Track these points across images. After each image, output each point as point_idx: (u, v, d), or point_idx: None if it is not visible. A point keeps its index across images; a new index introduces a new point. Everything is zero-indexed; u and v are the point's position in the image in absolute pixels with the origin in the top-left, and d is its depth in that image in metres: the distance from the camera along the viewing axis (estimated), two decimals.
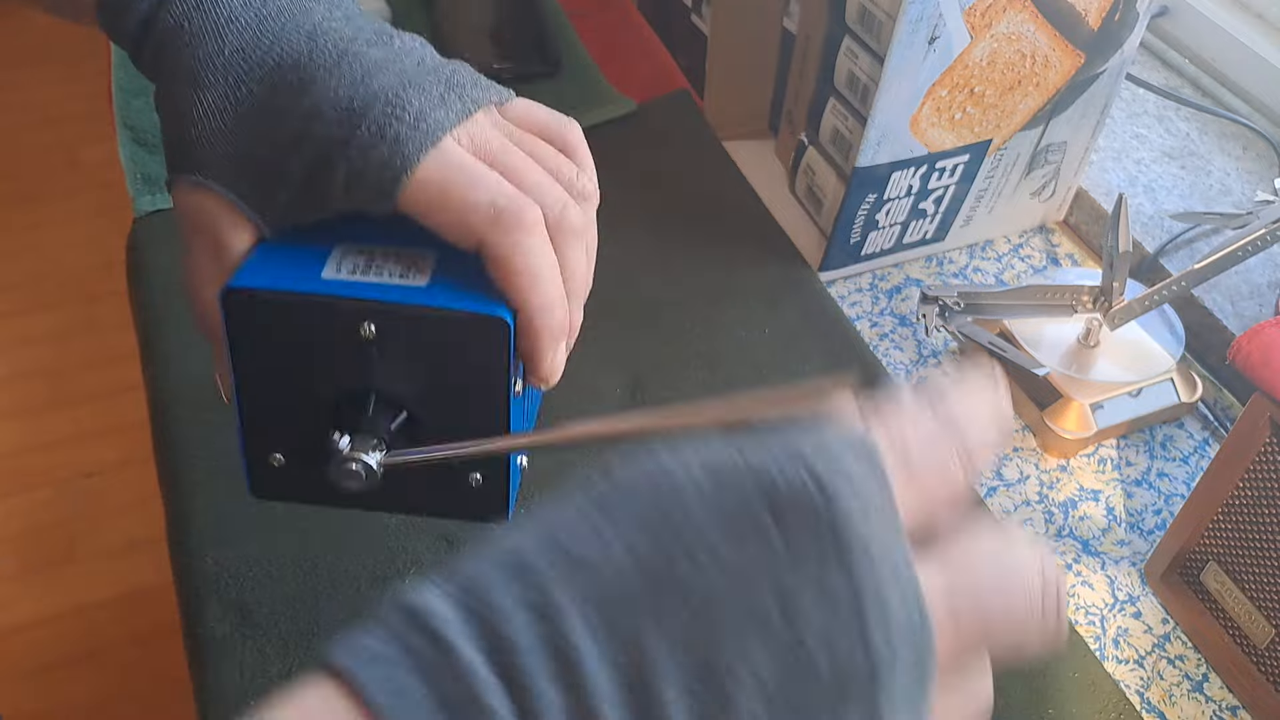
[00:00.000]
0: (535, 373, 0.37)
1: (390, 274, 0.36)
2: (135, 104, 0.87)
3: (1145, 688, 0.57)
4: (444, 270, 0.36)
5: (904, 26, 0.62)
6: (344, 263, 0.36)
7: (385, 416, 0.37)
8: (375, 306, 0.35)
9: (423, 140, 0.34)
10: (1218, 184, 0.83)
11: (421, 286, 0.35)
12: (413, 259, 0.37)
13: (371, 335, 0.35)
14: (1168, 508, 0.65)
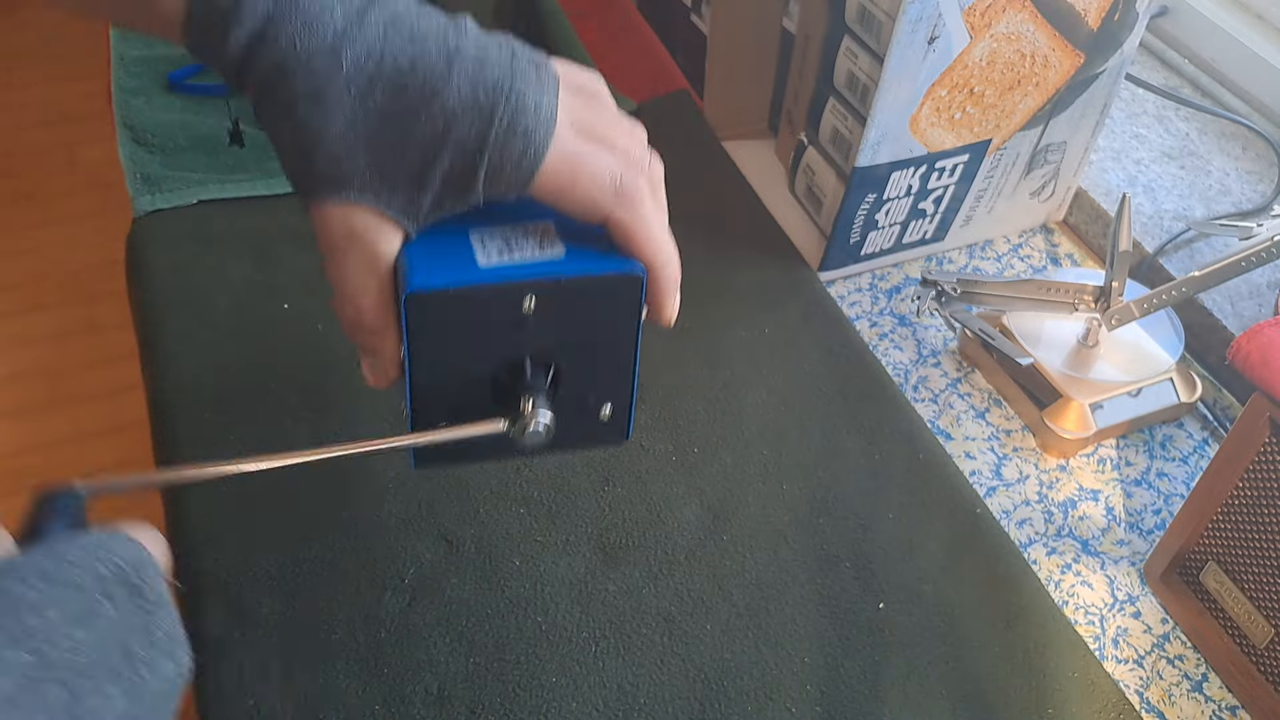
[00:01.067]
0: (662, 317, 0.42)
1: (530, 250, 0.40)
2: (135, 104, 0.87)
3: (1145, 688, 0.57)
4: (568, 236, 0.40)
5: (903, 26, 0.62)
6: (488, 247, 0.40)
7: (539, 376, 0.42)
8: (536, 284, 0.39)
9: (545, 130, 0.37)
10: (1217, 184, 0.83)
11: (561, 258, 0.39)
12: (539, 231, 0.41)
13: (531, 308, 0.40)
14: (1167, 508, 0.65)
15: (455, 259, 0.40)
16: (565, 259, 0.40)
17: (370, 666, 0.55)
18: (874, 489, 0.64)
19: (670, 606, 0.58)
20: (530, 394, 0.42)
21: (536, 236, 0.41)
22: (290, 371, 0.68)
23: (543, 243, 0.40)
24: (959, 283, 0.68)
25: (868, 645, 0.57)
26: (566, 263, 0.40)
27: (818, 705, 0.55)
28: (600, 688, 0.55)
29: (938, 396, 0.71)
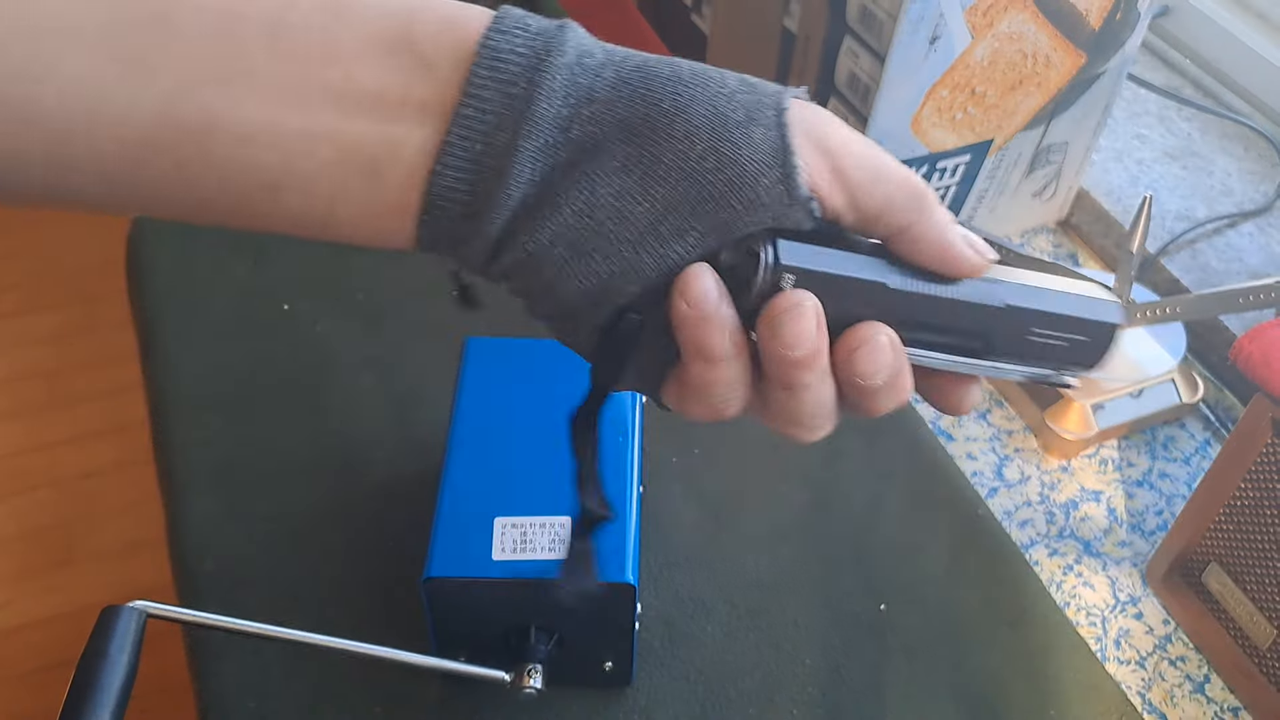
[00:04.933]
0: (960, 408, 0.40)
1: (541, 548, 0.49)
2: None
3: (1147, 689, 0.57)
4: (578, 536, 0.41)
5: (905, 26, 0.62)
6: (505, 541, 0.50)
7: (541, 644, 0.51)
8: (538, 584, 0.48)
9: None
10: (1219, 184, 0.82)
11: (563, 560, 0.42)
12: (554, 527, 0.50)
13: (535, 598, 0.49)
14: (1169, 508, 0.65)
15: (474, 548, 0.49)
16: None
17: (371, 667, 0.54)
18: (875, 490, 0.64)
19: (671, 608, 0.58)
20: (529, 662, 0.51)
21: (550, 534, 0.50)
22: (290, 371, 0.68)
23: (554, 541, 0.49)
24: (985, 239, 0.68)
25: (869, 647, 0.57)
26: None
27: (819, 707, 0.55)
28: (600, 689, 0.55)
29: None
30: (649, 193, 0.32)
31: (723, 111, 0.32)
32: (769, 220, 0.32)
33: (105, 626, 0.46)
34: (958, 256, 0.35)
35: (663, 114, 0.32)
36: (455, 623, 0.51)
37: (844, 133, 0.34)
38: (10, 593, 1.50)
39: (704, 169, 0.32)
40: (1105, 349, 0.40)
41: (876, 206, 0.34)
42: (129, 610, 0.46)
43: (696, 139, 0.32)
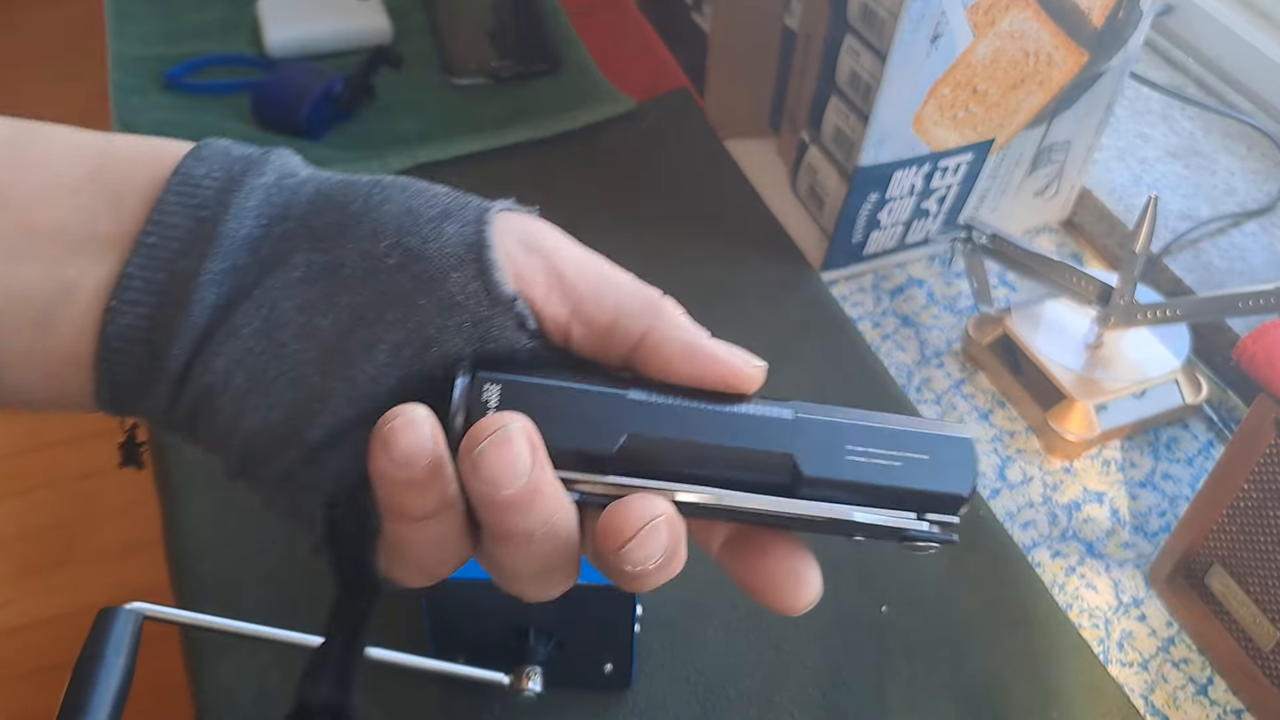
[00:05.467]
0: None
1: None
2: (132, 102, 0.87)
3: (1150, 691, 0.57)
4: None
5: (906, 24, 0.62)
6: None
7: (540, 646, 0.51)
8: None
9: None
10: (1222, 183, 0.82)
11: None
12: None
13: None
14: (1172, 510, 0.65)
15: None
16: None
17: (369, 670, 0.54)
18: None
19: (671, 610, 0.58)
20: (528, 665, 0.50)
21: None
22: None
23: None
24: (993, 238, 0.68)
25: (871, 648, 0.57)
26: None
27: (820, 709, 0.54)
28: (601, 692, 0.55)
29: (941, 398, 0.71)
30: (334, 302, 0.28)
31: (415, 209, 0.28)
32: (468, 325, 0.28)
33: (102, 628, 0.46)
34: (711, 356, 0.30)
35: (350, 216, 0.28)
36: (454, 625, 0.51)
37: (563, 240, 0.30)
38: (9, 593, 1.50)
39: (388, 267, 0.28)
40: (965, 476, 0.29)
41: (608, 317, 0.29)
42: (126, 612, 0.46)
43: (382, 236, 0.28)
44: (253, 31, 0.95)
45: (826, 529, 0.30)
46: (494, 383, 0.28)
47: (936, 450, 0.29)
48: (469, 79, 0.91)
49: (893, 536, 0.30)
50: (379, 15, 0.95)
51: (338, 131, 0.86)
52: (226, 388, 0.28)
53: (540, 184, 0.83)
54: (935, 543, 0.30)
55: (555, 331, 0.30)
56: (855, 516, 0.29)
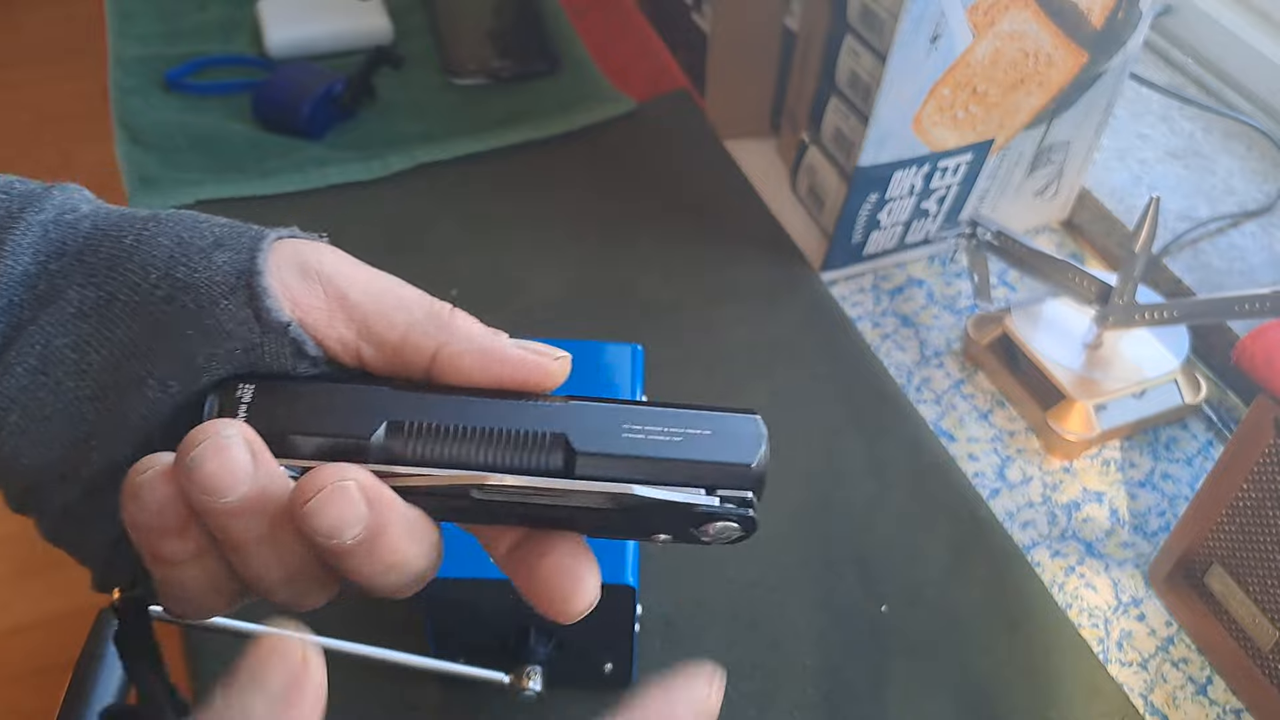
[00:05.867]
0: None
1: None
2: (132, 103, 0.87)
3: (1149, 691, 0.57)
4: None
5: (906, 25, 0.62)
6: None
7: (540, 645, 0.50)
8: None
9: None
10: (1222, 184, 0.82)
11: None
12: None
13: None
14: (1172, 510, 0.65)
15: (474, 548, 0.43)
16: None
17: (370, 669, 0.54)
18: (876, 491, 0.64)
19: (671, 610, 0.58)
20: (528, 664, 0.50)
21: None
22: None
23: None
24: (998, 234, 0.68)
25: (870, 648, 0.57)
26: None
27: (820, 709, 0.54)
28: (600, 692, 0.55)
29: (941, 397, 0.71)
30: (106, 337, 0.28)
31: (187, 240, 0.28)
32: (239, 353, 0.28)
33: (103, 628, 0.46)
34: (505, 358, 0.29)
35: (123, 250, 0.28)
36: (454, 624, 0.51)
37: (346, 262, 0.30)
38: (9, 593, 1.50)
39: (157, 299, 0.27)
40: (752, 448, 0.29)
41: (397, 335, 0.29)
42: None
43: (153, 268, 0.28)
44: (253, 32, 0.95)
45: (616, 526, 0.28)
46: (248, 385, 0.28)
47: (721, 426, 0.29)
48: (469, 79, 0.92)
49: (687, 525, 0.28)
50: (379, 15, 0.95)
51: (338, 132, 0.86)
52: (3, 425, 0.28)
53: (540, 184, 0.83)
54: (733, 522, 0.28)
55: (344, 354, 0.29)
56: (637, 491, 0.27)
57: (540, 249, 0.78)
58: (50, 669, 1.44)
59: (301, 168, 0.81)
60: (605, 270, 0.76)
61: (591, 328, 0.72)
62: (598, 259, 0.77)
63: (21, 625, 1.46)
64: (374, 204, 0.80)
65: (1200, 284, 0.74)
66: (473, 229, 0.79)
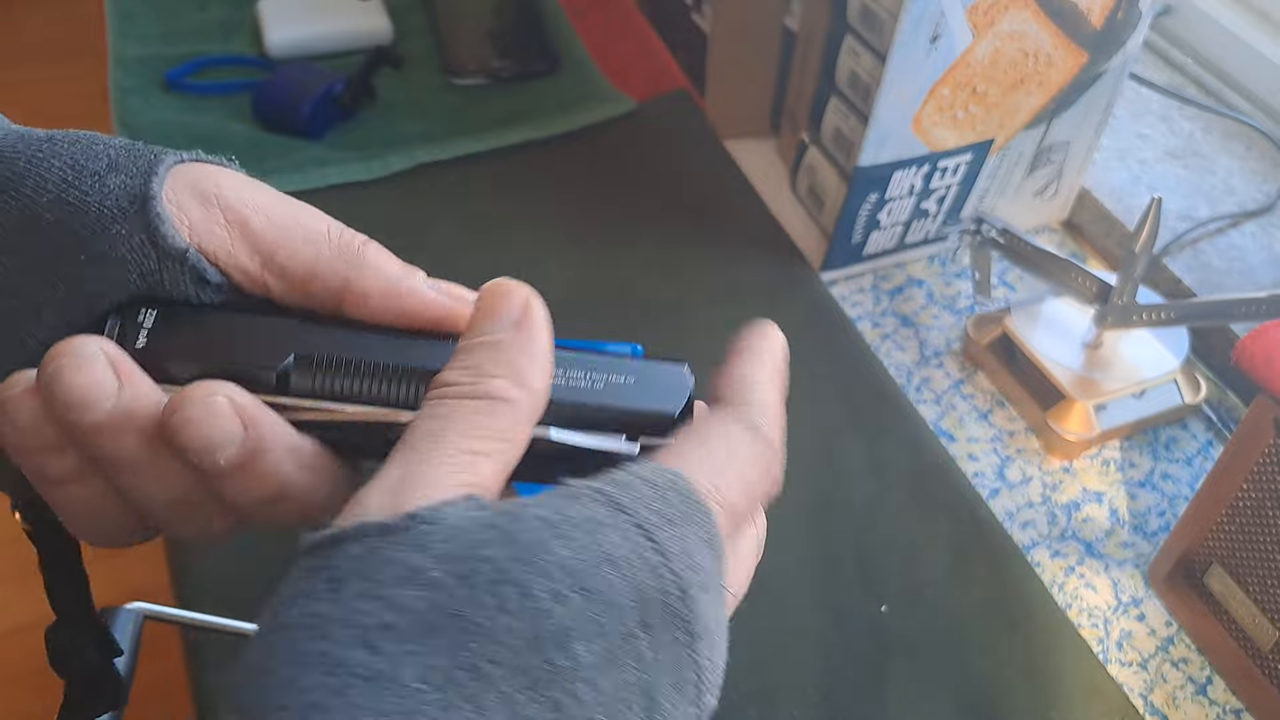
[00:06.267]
0: None
1: None
2: (133, 103, 0.87)
3: (1149, 691, 0.57)
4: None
5: (906, 25, 0.62)
6: None
7: None
8: None
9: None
10: (1221, 184, 0.82)
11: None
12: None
13: None
14: (1171, 510, 0.65)
15: None
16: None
17: None
18: (876, 491, 0.64)
19: None
20: None
21: None
22: None
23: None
24: (1002, 232, 0.68)
25: (870, 648, 0.57)
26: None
27: (820, 709, 0.55)
28: None
29: (940, 397, 0.71)
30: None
31: (80, 163, 0.27)
32: (135, 279, 0.27)
33: None
34: (414, 297, 0.29)
35: (16, 174, 0.27)
36: None
37: (250, 188, 0.29)
38: (9, 593, 1.50)
39: (47, 224, 0.27)
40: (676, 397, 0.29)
41: (304, 266, 0.28)
42: (127, 611, 0.46)
43: (44, 191, 0.27)
44: (253, 32, 0.95)
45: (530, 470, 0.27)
46: (151, 310, 0.27)
47: (645, 374, 0.28)
48: (469, 79, 0.92)
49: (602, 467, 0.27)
50: (379, 16, 0.95)
51: (339, 132, 0.86)
52: None
53: (540, 184, 0.83)
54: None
55: (250, 284, 0.29)
56: (552, 435, 0.27)
57: (540, 249, 0.78)
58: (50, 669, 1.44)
59: (301, 168, 0.81)
60: (605, 270, 0.76)
61: (591, 328, 0.71)
62: (598, 259, 0.77)
63: (21, 625, 1.46)
64: (374, 204, 0.80)
65: (1200, 284, 0.74)
66: (473, 229, 0.79)
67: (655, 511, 0.24)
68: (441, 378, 0.26)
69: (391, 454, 0.24)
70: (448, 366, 0.26)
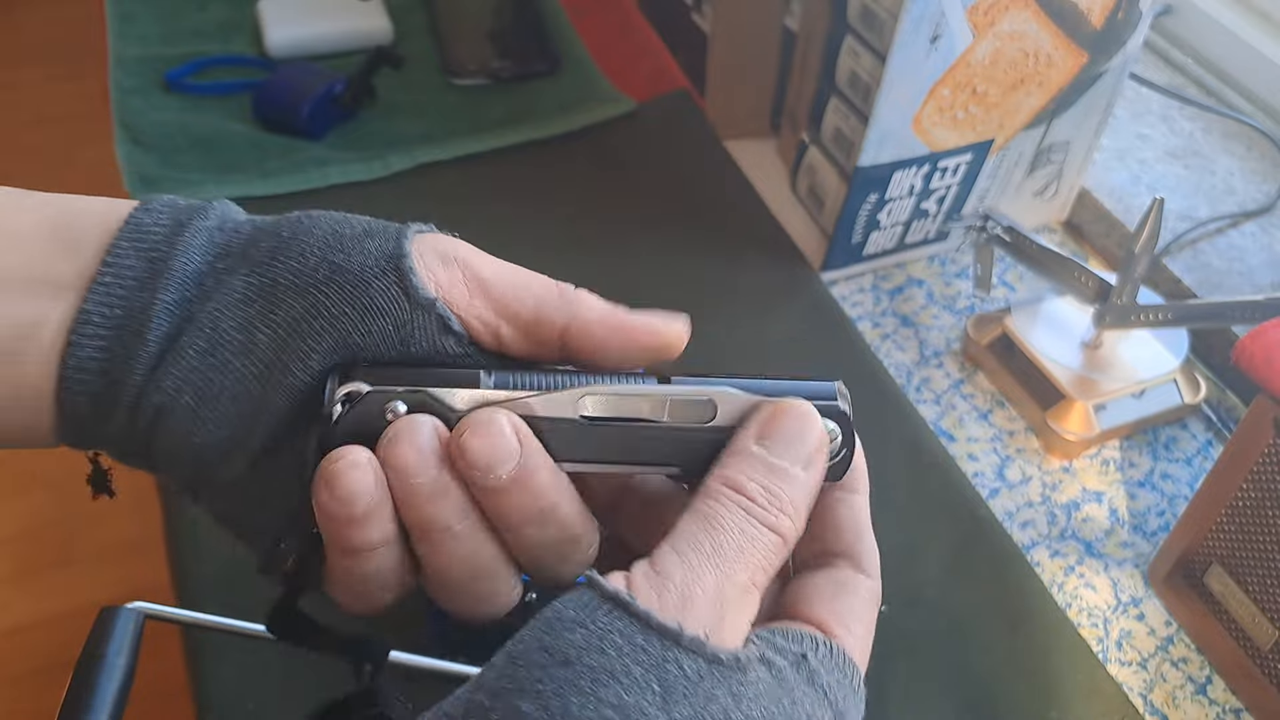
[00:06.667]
0: None
1: None
2: (133, 103, 0.87)
3: (1149, 690, 0.57)
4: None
5: (906, 25, 0.62)
6: None
7: None
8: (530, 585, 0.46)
9: None
10: (1221, 184, 0.82)
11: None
12: None
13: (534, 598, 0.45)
14: (1171, 509, 0.65)
15: None
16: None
17: None
18: (875, 490, 0.64)
19: None
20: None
21: None
22: None
23: None
24: (1007, 229, 0.68)
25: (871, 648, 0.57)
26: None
27: None
28: None
29: (940, 397, 0.71)
30: (270, 318, 0.30)
31: (339, 230, 0.32)
32: (391, 330, 0.31)
33: (103, 627, 0.46)
34: (634, 325, 0.33)
35: (283, 242, 0.31)
36: (455, 624, 0.51)
37: (479, 252, 0.33)
38: (9, 593, 1.50)
39: (317, 281, 0.30)
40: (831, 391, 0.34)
41: (529, 313, 0.32)
42: (127, 611, 0.46)
43: (310, 254, 0.31)
44: (253, 32, 0.95)
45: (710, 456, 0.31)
46: (364, 365, 0.31)
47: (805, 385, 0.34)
48: (469, 80, 0.92)
49: None
50: (379, 16, 0.95)
51: (339, 132, 0.86)
52: (176, 406, 0.30)
53: (540, 184, 0.83)
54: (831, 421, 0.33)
55: (485, 334, 0.32)
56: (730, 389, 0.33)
57: (540, 249, 0.78)
58: (50, 669, 1.44)
59: (302, 168, 0.81)
60: (605, 270, 0.76)
61: None
62: (598, 259, 0.77)
63: (21, 625, 1.46)
64: (374, 204, 0.80)
65: (1200, 284, 0.74)
66: (473, 229, 0.79)
67: (839, 691, 0.30)
68: (734, 479, 0.30)
69: (677, 535, 0.28)
70: (739, 465, 0.30)
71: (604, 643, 0.25)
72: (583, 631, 0.26)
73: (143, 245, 0.30)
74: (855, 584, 0.34)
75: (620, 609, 0.26)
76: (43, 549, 1.54)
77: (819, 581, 0.33)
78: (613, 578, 0.27)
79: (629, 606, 0.26)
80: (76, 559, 1.52)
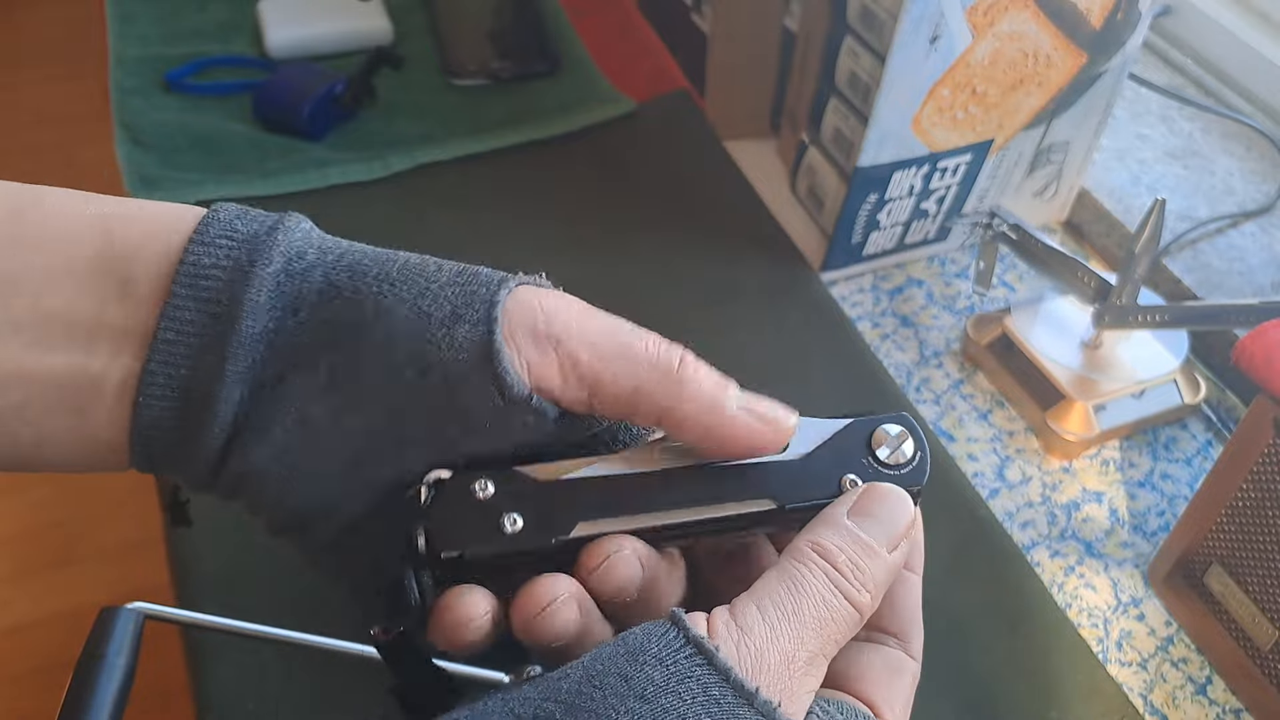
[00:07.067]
0: None
1: None
2: (133, 103, 0.87)
3: (1148, 690, 0.57)
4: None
5: (906, 26, 0.62)
6: None
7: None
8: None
9: None
10: (1221, 184, 0.82)
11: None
12: None
13: None
14: (1171, 510, 0.65)
15: None
16: None
17: (370, 669, 0.54)
18: None
19: None
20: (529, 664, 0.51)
21: None
22: None
23: None
24: (1013, 227, 0.68)
25: None
26: None
27: None
28: None
29: (940, 398, 0.71)
30: (360, 408, 0.30)
31: (426, 311, 0.30)
32: (486, 426, 0.30)
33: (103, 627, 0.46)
34: (732, 435, 0.33)
35: (364, 320, 0.30)
36: None
37: (574, 315, 0.31)
38: (9, 593, 1.50)
39: (406, 379, 0.29)
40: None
41: (627, 393, 0.31)
42: (128, 611, 0.46)
43: (397, 346, 0.29)
44: (253, 32, 0.95)
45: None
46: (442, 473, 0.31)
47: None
48: (469, 80, 0.92)
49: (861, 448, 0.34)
50: (379, 16, 0.96)
51: (339, 132, 0.86)
52: (266, 476, 0.30)
53: (540, 185, 0.83)
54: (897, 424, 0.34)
55: (577, 407, 0.32)
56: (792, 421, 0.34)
57: (540, 249, 0.78)
58: (50, 669, 1.44)
59: (302, 168, 0.81)
60: (605, 270, 0.76)
61: None
62: (597, 259, 0.77)
63: (21, 625, 1.46)
64: (374, 204, 0.80)
65: (1199, 284, 0.74)
66: (473, 229, 0.79)
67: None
68: (825, 546, 0.30)
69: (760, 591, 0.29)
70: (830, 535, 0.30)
71: (681, 686, 0.25)
72: (662, 671, 0.25)
73: (202, 295, 0.29)
74: (905, 668, 0.33)
75: (703, 656, 0.26)
76: (43, 549, 1.54)
77: (874, 660, 0.33)
78: (694, 619, 0.27)
79: (713, 658, 0.26)
80: (76, 559, 1.52)
